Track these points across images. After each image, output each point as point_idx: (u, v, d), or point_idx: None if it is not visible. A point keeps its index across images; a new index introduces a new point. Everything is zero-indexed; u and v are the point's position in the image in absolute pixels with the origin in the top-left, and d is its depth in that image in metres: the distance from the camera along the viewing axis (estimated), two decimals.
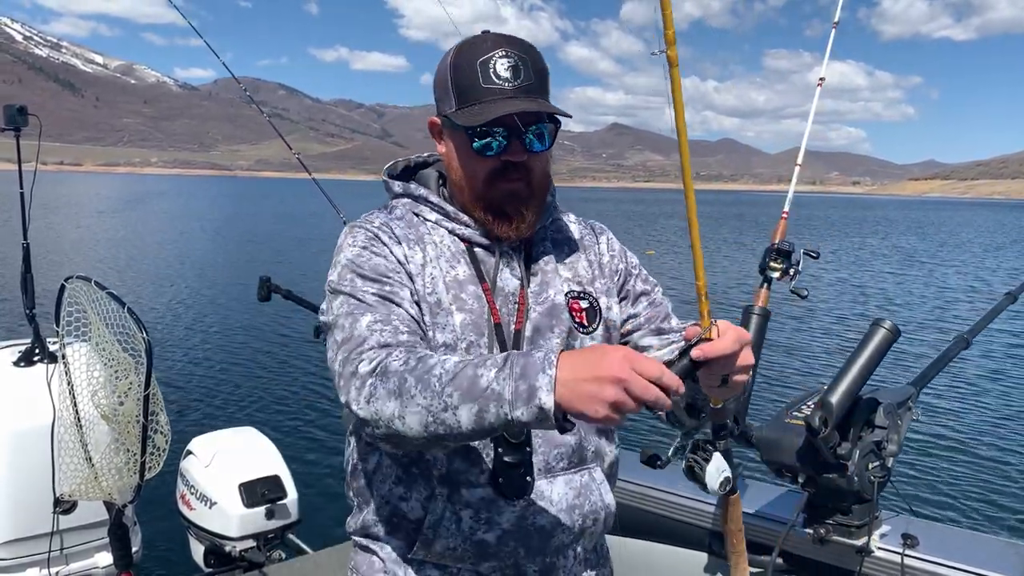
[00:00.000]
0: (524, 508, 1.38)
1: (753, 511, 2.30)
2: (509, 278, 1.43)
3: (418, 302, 1.36)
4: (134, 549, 2.73)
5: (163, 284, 17.81)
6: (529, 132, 1.35)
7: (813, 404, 2.03)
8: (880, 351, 2.04)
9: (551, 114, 1.36)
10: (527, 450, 1.37)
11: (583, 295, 1.48)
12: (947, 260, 30.29)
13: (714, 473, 1.44)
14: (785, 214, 2.62)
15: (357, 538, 1.51)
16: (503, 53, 1.34)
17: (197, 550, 3.31)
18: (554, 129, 1.40)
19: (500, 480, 1.36)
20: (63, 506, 2.55)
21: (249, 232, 35.56)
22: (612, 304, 1.51)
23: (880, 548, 2.05)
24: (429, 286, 1.37)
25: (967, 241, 43.80)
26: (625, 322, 1.54)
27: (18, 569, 2.82)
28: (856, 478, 2.00)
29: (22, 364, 3.00)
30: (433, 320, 1.36)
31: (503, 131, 1.34)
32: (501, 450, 1.35)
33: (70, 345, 2.50)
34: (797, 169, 2.90)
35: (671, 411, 1.48)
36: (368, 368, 1.19)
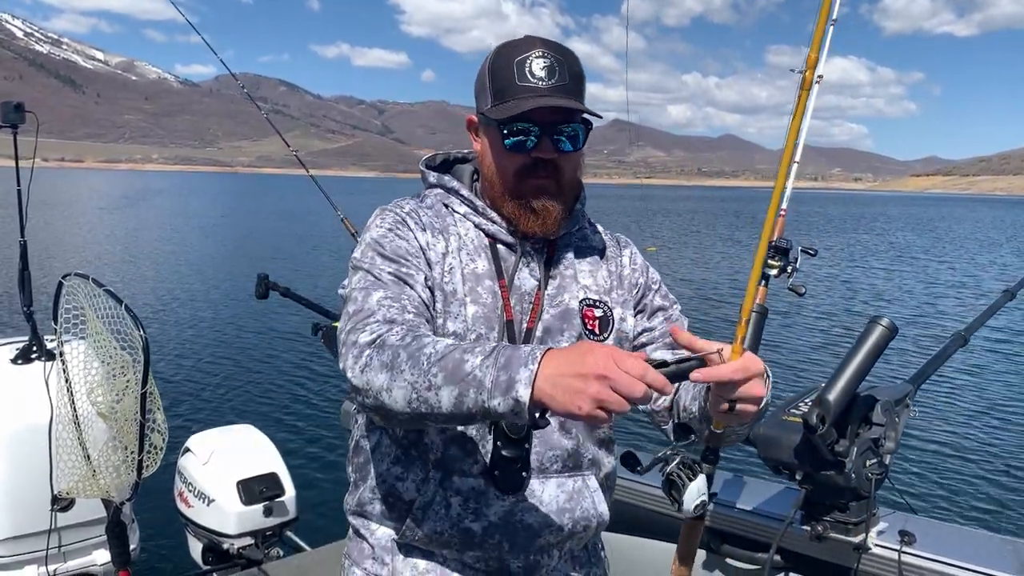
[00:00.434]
0: (513, 504, 1.40)
1: (750, 508, 2.31)
2: (527, 278, 1.46)
3: (432, 288, 1.40)
4: (132, 547, 2.73)
5: (161, 282, 17.79)
6: (560, 131, 1.39)
7: (811, 401, 2.03)
8: (878, 348, 2.04)
9: (584, 118, 1.40)
10: (525, 447, 1.38)
11: (598, 303, 1.50)
12: (945, 257, 30.31)
13: (694, 493, 1.44)
14: (783, 212, 2.62)
15: (352, 518, 1.54)
16: (540, 53, 1.38)
17: (195, 547, 3.31)
18: (586, 132, 1.42)
19: (496, 473, 1.39)
20: (61, 503, 2.55)
21: (248, 229, 35.54)
22: (627, 316, 1.54)
23: (877, 545, 2.05)
24: (447, 275, 1.42)
25: (964, 237, 43.82)
26: (640, 335, 1.56)
27: (16, 567, 2.82)
28: (853, 475, 2.00)
29: (20, 362, 3.00)
30: (446, 308, 1.40)
31: (536, 129, 1.37)
32: (500, 444, 1.37)
33: (68, 343, 2.50)
34: (794, 167, 2.90)
35: (676, 423, 1.49)
36: (368, 339, 1.22)
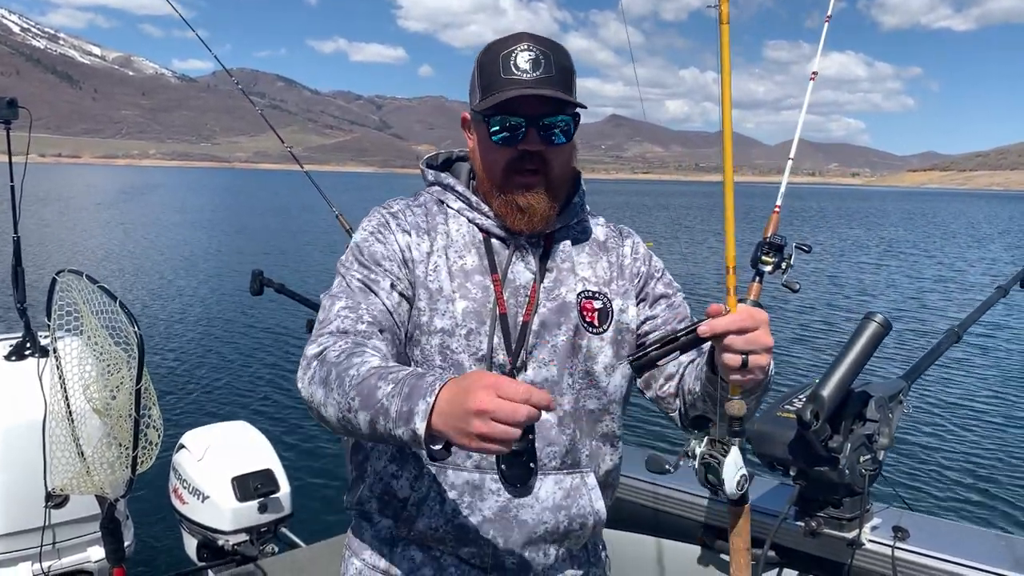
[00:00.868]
0: (508, 499, 1.40)
1: None
2: (522, 271, 1.45)
3: (413, 288, 1.41)
4: (126, 543, 2.73)
5: (156, 278, 17.75)
6: (547, 123, 1.38)
7: (805, 397, 2.04)
8: (872, 345, 2.05)
9: (572, 112, 1.40)
10: (530, 437, 1.38)
11: (597, 295, 1.49)
12: (939, 253, 30.38)
13: (732, 468, 1.35)
14: (777, 208, 2.62)
15: (351, 513, 1.55)
16: (526, 47, 1.38)
17: (190, 544, 3.30)
18: (574, 124, 1.42)
19: (503, 467, 1.39)
20: (55, 500, 2.54)
21: (243, 225, 35.46)
22: (628, 306, 1.53)
23: (871, 541, 2.06)
24: (431, 274, 1.42)
25: (958, 232, 43.90)
26: (643, 323, 1.55)
27: (9, 564, 2.81)
28: (847, 471, 2.01)
29: (13, 358, 2.99)
30: (432, 306, 1.41)
31: (522, 121, 1.37)
32: None
33: (62, 339, 2.49)
34: (789, 163, 2.90)
35: (691, 416, 1.47)
36: (314, 351, 1.28)
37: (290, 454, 6.46)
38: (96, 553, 2.91)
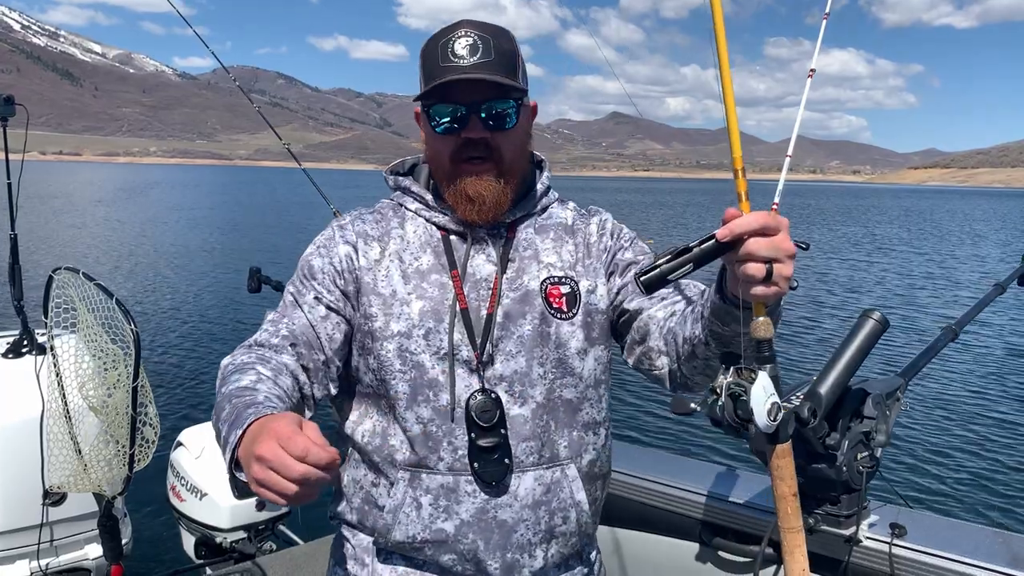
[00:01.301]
0: (486, 500, 1.37)
1: (742, 501, 2.31)
2: (482, 264, 1.42)
3: (330, 305, 1.41)
4: (124, 541, 2.73)
5: (153, 275, 17.73)
6: (487, 108, 1.35)
7: (802, 395, 2.04)
8: (869, 342, 2.05)
9: (518, 96, 1.38)
10: (502, 432, 1.36)
11: (563, 280, 1.45)
12: (937, 249, 30.40)
13: (760, 394, 1.14)
14: (775, 205, 2.62)
15: (335, 522, 1.54)
16: (463, 33, 1.35)
17: (188, 541, 3.31)
18: (519, 109, 1.39)
19: (476, 465, 1.36)
20: (52, 498, 2.55)
21: (241, 222, 35.43)
22: (598, 284, 1.47)
23: (868, 537, 2.06)
24: (383, 280, 1.41)
25: (959, 230, 43.96)
26: (617, 295, 1.48)
27: (7, 561, 2.81)
28: (845, 468, 2.01)
29: (10, 356, 2.99)
30: (387, 311, 1.39)
31: (462, 108, 1.35)
32: (474, 435, 1.35)
33: (59, 336, 2.49)
34: (787, 160, 2.90)
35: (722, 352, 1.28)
36: (225, 361, 1.37)
37: None
38: (94, 551, 2.91)
